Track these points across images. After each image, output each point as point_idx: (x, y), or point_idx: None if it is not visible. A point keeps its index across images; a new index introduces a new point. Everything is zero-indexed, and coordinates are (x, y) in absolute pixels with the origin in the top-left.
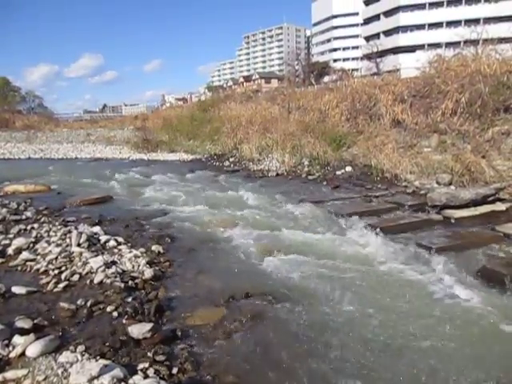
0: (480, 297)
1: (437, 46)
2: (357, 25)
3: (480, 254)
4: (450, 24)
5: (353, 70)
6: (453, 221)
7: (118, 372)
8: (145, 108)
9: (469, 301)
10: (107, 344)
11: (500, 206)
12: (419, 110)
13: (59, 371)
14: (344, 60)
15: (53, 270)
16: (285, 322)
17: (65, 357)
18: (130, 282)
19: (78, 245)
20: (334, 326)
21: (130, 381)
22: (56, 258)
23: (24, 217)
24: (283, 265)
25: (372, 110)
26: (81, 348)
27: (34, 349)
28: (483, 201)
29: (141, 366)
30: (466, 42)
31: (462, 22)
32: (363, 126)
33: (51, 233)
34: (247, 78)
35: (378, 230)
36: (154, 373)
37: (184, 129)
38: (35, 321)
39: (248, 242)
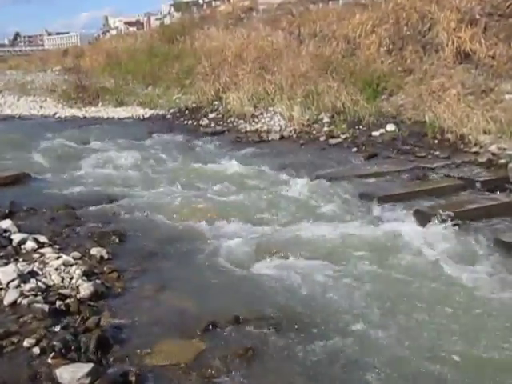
0: None
1: None
2: None
3: None
4: None
5: None
6: None
7: None
8: (78, 38)
9: None
10: None
11: None
12: (498, 37)
13: None
14: None
15: None
16: (290, 362)
17: None
18: (59, 304)
19: None
20: (366, 375)
21: None
22: None
23: None
24: (288, 275)
25: (426, 38)
26: None
27: None
28: None
29: None
30: None
31: None
32: (413, 61)
33: None
34: None
35: (433, 219)
36: None
37: (139, 69)
38: None
39: (236, 242)
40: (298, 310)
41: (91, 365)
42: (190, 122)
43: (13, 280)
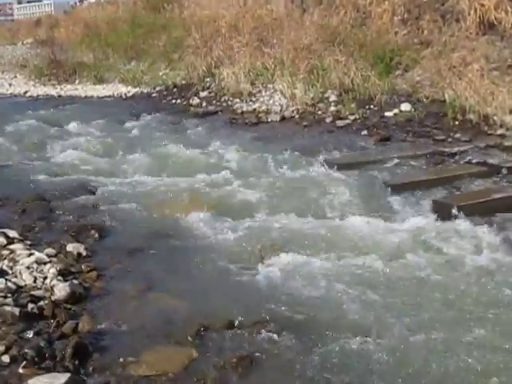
0: None
1: None
2: None
3: None
4: None
5: None
6: None
7: None
8: (53, 7)
9: None
10: None
11: None
12: None
13: None
14: None
15: None
16: (290, 373)
17: None
18: (31, 306)
19: None
20: None
21: None
22: None
23: None
24: (290, 275)
25: (445, 5)
26: None
27: None
28: None
29: None
30: None
31: None
32: (431, 32)
33: None
34: None
35: (454, 210)
36: None
37: (121, 42)
38: None
39: (232, 238)
40: (302, 315)
41: (68, 375)
42: (179, 101)
43: None
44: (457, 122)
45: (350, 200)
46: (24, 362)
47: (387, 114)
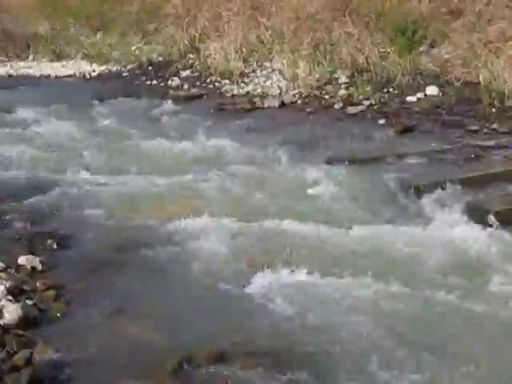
0: None
1: None
2: None
3: None
4: None
5: None
6: None
7: None
8: None
9: None
10: None
11: None
12: None
13: None
14: None
15: None
16: None
17: None
18: None
19: None
20: None
21: None
22: None
23: None
24: (290, 296)
25: None
26: None
27: None
28: None
29: None
30: None
31: None
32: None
33: None
34: None
35: (492, 216)
36: None
37: (83, 9)
38: None
39: (217, 248)
40: (303, 346)
41: None
42: (155, 82)
43: None
44: (494, 110)
45: (364, 205)
46: None
47: (410, 98)
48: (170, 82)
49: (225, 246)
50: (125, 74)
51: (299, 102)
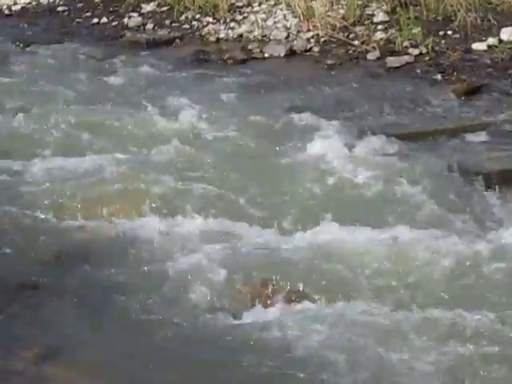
0: None
1: None
2: None
3: None
4: None
5: None
6: None
7: None
8: None
9: None
10: None
11: None
12: None
13: None
14: None
15: None
16: None
17: None
18: None
19: None
20: None
21: None
22: None
23: None
24: (305, 331)
25: None
26: None
27: None
28: None
29: None
30: None
31: None
32: None
33: None
34: None
35: None
36: None
37: None
38: None
39: (199, 262)
40: None
41: None
42: (105, 20)
43: None
44: None
45: (414, 200)
46: None
47: (477, 46)
48: (126, 20)
49: (207, 256)
50: (60, 9)
51: (316, 49)
